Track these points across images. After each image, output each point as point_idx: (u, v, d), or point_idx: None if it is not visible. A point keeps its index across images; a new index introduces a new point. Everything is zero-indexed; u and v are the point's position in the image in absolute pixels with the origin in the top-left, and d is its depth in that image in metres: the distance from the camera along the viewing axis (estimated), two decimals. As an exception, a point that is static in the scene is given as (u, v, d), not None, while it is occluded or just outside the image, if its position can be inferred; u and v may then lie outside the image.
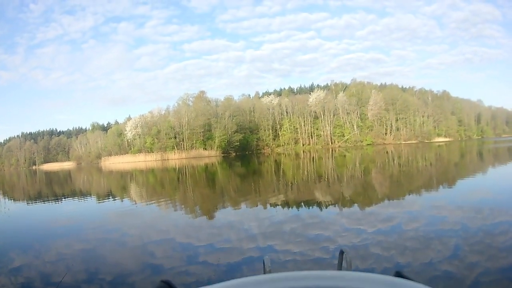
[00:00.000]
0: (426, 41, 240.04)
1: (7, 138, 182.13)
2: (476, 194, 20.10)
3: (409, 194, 22.30)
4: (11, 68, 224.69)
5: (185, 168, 68.37)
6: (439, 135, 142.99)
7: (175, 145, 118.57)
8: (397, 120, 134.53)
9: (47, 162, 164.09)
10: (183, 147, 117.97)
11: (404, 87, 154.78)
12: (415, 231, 12.84)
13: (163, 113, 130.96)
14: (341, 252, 4.33)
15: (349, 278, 0.81)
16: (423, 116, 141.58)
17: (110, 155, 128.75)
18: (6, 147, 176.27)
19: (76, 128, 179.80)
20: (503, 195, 19.42)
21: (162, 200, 27.62)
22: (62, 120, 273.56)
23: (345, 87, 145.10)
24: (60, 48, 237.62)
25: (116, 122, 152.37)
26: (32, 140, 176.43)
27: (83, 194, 35.86)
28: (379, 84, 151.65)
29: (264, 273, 3.83)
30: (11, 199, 35.78)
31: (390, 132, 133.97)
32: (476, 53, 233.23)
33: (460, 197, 19.26)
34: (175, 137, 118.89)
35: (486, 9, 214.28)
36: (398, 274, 0.92)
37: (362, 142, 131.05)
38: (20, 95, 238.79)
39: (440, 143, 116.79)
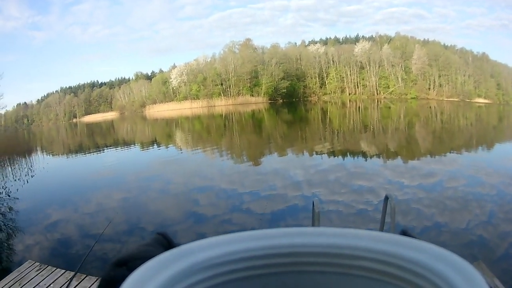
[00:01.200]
0: (466, 1, 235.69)
1: (45, 94, 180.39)
2: (507, 160, 19.88)
3: (451, 152, 22.32)
4: (46, 27, 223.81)
5: (232, 115, 68.70)
6: (479, 96, 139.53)
7: (221, 92, 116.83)
8: (439, 76, 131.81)
9: (89, 114, 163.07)
10: (230, 94, 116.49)
11: (446, 44, 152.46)
12: (454, 189, 12.91)
13: (209, 60, 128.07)
14: (386, 198, 4.54)
15: (352, 236, 0.55)
16: (464, 76, 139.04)
17: (154, 103, 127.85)
18: (44, 103, 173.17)
19: (118, 78, 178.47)
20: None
21: (208, 147, 27.74)
22: (104, 72, 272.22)
23: (389, 40, 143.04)
24: (97, 3, 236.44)
25: (161, 71, 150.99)
26: (72, 94, 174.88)
27: (126, 143, 35.99)
28: (422, 39, 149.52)
29: (313, 215, 4.22)
30: (50, 154, 35.43)
31: (433, 88, 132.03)
32: None
33: (497, 162, 19.07)
34: (222, 84, 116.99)
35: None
36: (403, 233, 0.77)
37: (406, 95, 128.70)
38: (57, 51, 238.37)
39: (480, 104, 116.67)
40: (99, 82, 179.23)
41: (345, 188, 12.95)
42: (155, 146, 31.29)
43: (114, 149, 31.78)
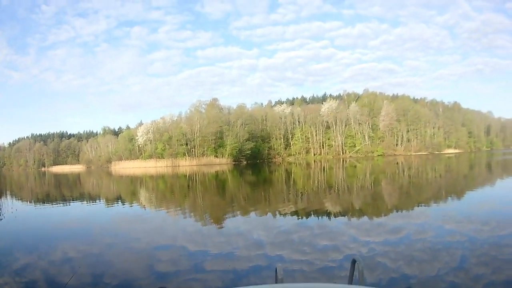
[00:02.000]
0: (438, 51, 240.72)
1: (17, 139, 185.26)
2: (483, 206, 20.17)
3: (418, 206, 22.29)
4: (23, 69, 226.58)
5: (196, 175, 68.37)
6: (449, 147, 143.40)
7: (186, 152, 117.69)
8: (408, 131, 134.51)
9: (57, 165, 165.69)
10: (194, 154, 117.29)
11: (415, 98, 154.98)
12: (422, 241, 12.93)
13: (175, 119, 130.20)
14: (353, 262, 4.28)
15: None
16: (433, 128, 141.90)
17: (120, 159, 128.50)
18: (15, 148, 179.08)
19: (86, 131, 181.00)
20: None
21: (172, 207, 27.63)
22: (73, 123, 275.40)
23: (357, 97, 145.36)
24: (72, 51, 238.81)
25: (128, 127, 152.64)
26: (42, 142, 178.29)
27: (92, 198, 35.92)
28: (391, 94, 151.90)
29: (276, 282, 3.91)
30: (19, 199, 36.32)
31: (401, 143, 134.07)
32: (487, 63, 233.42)
33: (467, 209, 19.25)
34: (187, 144, 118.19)
35: (497, 18, 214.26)
36: None
37: (373, 152, 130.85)
38: (31, 96, 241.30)
39: (450, 155, 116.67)
40: (68, 133, 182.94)
41: (309, 247, 12.89)
42: (120, 203, 31.21)
43: (80, 202, 31.74)
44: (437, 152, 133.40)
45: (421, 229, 15.11)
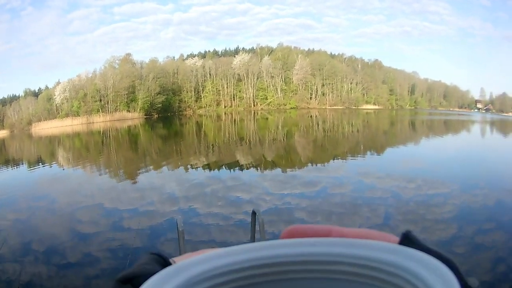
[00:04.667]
0: (361, 10, 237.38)
1: None
2: (401, 164, 20.76)
3: (334, 160, 22.84)
4: None
5: (109, 131, 69.08)
6: (367, 103, 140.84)
7: (100, 108, 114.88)
8: (323, 85, 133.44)
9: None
10: (108, 110, 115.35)
11: (333, 53, 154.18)
12: (341, 196, 13.20)
13: (90, 76, 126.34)
14: (253, 213, 4.89)
15: (326, 243, 0.78)
16: (351, 83, 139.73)
17: (40, 120, 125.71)
18: None
19: (10, 95, 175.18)
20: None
21: (87, 164, 28.02)
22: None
23: (271, 51, 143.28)
24: (1, 17, 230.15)
25: (47, 87, 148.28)
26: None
27: (15, 162, 35.51)
28: (306, 49, 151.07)
29: (178, 233, 4.56)
30: None
31: (315, 97, 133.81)
32: (416, 26, 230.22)
33: (390, 166, 19.83)
34: (101, 100, 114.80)
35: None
36: (406, 237, 0.59)
37: (285, 105, 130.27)
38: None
39: (368, 111, 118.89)
40: None
41: (222, 200, 13.21)
42: (40, 165, 30.93)
43: (5, 167, 31.57)
44: (354, 107, 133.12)
45: (339, 182, 15.55)
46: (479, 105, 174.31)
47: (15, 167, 31.64)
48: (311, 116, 79.95)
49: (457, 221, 10.44)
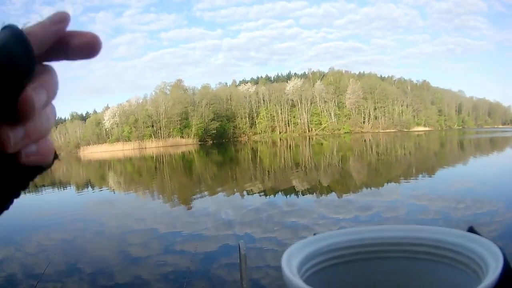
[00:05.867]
0: (407, 30, 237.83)
1: None
2: (457, 184, 19.94)
3: (388, 183, 22.22)
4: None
5: (162, 157, 68.68)
6: (418, 124, 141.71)
7: (152, 134, 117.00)
8: (375, 109, 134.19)
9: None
10: (161, 136, 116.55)
11: (383, 76, 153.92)
12: (394, 219, 12.85)
13: (140, 101, 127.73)
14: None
15: (418, 230, 1.13)
16: (402, 105, 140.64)
17: (88, 144, 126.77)
18: None
19: (56, 118, 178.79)
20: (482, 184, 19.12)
21: (140, 189, 27.89)
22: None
23: (322, 76, 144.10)
24: None
25: (95, 112, 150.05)
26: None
27: (63, 185, 35.49)
28: (357, 73, 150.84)
29: (240, 257, 4.07)
30: None
31: (368, 121, 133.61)
32: (459, 43, 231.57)
33: (440, 187, 18.94)
34: (153, 126, 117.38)
35: (471, 0, 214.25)
36: (471, 229, 1.05)
37: (339, 130, 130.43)
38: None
39: (419, 133, 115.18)
40: None
41: (278, 226, 12.92)
42: (90, 188, 30.98)
43: (52, 190, 31.37)
44: (406, 130, 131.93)
45: (392, 206, 15.10)
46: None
47: (63, 189, 31.45)
48: (364, 141, 78.10)
49: (503, 238, 10.21)
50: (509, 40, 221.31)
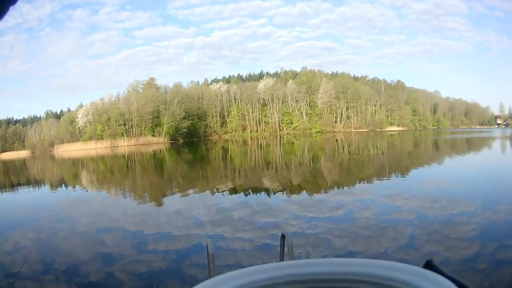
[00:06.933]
0: (383, 31, 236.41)
1: None
2: (426, 184, 20.17)
3: (360, 183, 22.41)
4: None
5: (134, 155, 68.96)
6: (392, 124, 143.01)
7: (124, 132, 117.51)
8: (347, 108, 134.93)
9: (5, 151, 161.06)
10: (132, 134, 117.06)
11: (356, 76, 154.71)
12: (366, 219, 12.97)
13: (113, 100, 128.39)
14: (282, 236, 4.71)
15: (360, 264, 0.94)
16: (375, 105, 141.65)
17: (62, 142, 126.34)
18: None
19: (31, 116, 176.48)
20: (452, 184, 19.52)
21: (112, 188, 28.23)
22: (19, 109, 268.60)
23: (295, 75, 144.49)
24: (19, 37, 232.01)
25: (69, 110, 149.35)
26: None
27: (37, 183, 35.51)
28: (330, 72, 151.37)
29: (208, 256, 4.32)
30: None
31: (340, 120, 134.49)
32: (436, 44, 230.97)
33: (414, 187, 19.27)
34: (125, 124, 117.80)
35: (451, 1, 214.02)
36: (428, 264, 0.88)
37: (311, 129, 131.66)
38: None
39: (393, 132, 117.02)
40: (14, 119, 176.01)
41: (249, 225, 13.06)
42: (63, 187, 31.13)
43: (27, 188, 31.39)
44: (378, 130, 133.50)
45: (365, 205, 15.27)
46: (498, 121, 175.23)
47: (37, 188, 31.43)
48: (336, 140, 78.89)
49: (480, 238, 10.20)
50: (490, 41, 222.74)
